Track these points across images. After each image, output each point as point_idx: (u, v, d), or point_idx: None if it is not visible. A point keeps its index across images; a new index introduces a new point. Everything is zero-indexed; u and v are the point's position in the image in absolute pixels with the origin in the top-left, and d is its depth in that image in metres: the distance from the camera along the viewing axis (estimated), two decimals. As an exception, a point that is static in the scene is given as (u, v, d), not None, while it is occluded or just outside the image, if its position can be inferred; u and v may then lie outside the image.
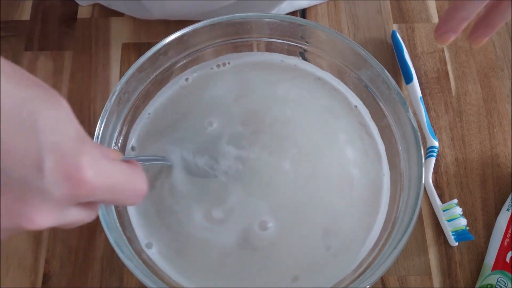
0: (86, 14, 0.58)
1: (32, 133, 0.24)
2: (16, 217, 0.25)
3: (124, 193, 0.29)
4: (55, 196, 0.25)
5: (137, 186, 0.30)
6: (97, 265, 0.47)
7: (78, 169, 0.25)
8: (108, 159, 0.27)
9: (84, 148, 0.26)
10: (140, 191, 0.30)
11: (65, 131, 0.25)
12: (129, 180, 0.29)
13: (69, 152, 0.25)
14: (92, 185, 0.26)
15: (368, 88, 0.47)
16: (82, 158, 0.25)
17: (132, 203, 0.30)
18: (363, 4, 0.58)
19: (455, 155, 0.51)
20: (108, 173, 0.27)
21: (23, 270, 0.47)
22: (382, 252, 0.41)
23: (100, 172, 0.26)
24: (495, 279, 0.44)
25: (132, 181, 0.29)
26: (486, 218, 0.49)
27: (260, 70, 0.50)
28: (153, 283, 0.38)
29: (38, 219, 0.25)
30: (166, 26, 0.57)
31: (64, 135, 0.25)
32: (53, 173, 0.24)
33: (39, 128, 0.24)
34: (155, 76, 0.47)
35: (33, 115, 0.24)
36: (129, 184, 0.29)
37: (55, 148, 0.24)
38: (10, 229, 0.26)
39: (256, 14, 0.47)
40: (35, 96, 0.24)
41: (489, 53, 0.56)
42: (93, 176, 0.26)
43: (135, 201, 0.30)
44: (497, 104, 0.53)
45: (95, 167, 0.26)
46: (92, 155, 0.26)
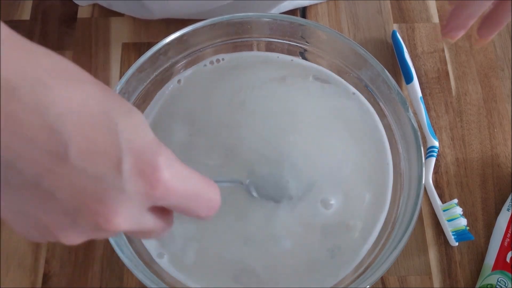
0: (86, 14, 0.58)
1: (113, 135, 0.25)
2: (95, 216, 0.25)
3: (199, 201, 0.29)
4: (132, 195, 0.25)
5: (211, 196, 0.30)
6: (97, 265, 0.47)
7: (155, 168, 0.26)
8: (184, 165, 0.28)
9: (161, 150, 0.26)
10: (214, 202, 0.30)
11: (142, 135, 0.26)
12: (204, 189, 0.29)
13: (146, 152, 0.26)
14: (168, 186, 0.26)
15: (368, 88, 0.47)
16: (159, 159, 0.26)
17: (205, 214, 0.30)
18: (363, 4, 0.58)
19: (455, 155, 0.51)
20: (184, 177, 0.27)
21: (23, 270, 0.47)
22: (382, 252, 0.41)
23: (176, 174, 0.27)
24: (495, 279, 0.44)
25: (207, 190, 0.29)
26: (486, 218, 0.49)
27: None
28: (153, 283, 0.38)
29: (116, 220, 0.25)
30: (166, 26, 0.57)
31: (141, 138, 0.26)
32: (131, 172, 0.25)
33: (119, 131, 0.25)
34: (155, 76, 0.47)
35: (114, 120, 0.25)
36: (204, 192, 0.29)
37: (133, 149, 0.25)
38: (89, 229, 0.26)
39: (256, 14, 0.47)
40: (117, 105, 0.25)
41: (489, 53, 0.56)
42: (169, 177, 0.26)
43: (208, 213, 0.30)
44: (497, 104, 0.53)
45: (171, 169, 0.26)
46: (168, 157, 0.27)
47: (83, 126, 0.24)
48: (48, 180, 0.24)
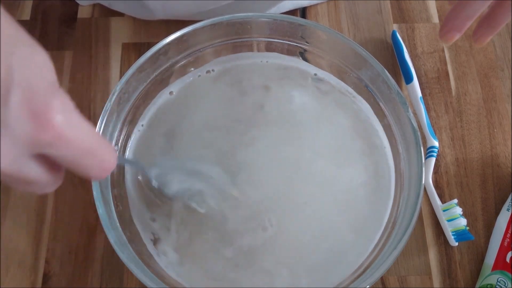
0: (86, 14, 0.58)
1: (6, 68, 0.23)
2: None
3: (91, 158, 0.27)
4: (16, 133, 0.23)
5: (106, 157, 0.28)
6: (97, 265, 0.47)
7: (47, 110, 0.24)
8: (81, 116, 0.26)
9: (58, 94, 0.25)
10: (107, 163, 0.28)
11: (40, 74, 0.24)
12: (100, 147, 0.27)
13: (40, 92, 0.24)
14: (59, 132, 0.24)
15: (368, 88, 0.47)
16: (54, 101, 0.24)
17: (96, 174, 0.28)
18: (363, 4, 0.58)
19: (455, 155, 0.51)
20: (79, 127, 0.26)
21: (23, 270, 0.47)
22: (382, 252, 0.41)
23: (71, 122, 0.25)
24: (495, 279, 0.44)
25: (103, 149, 0.28)
26: (486, 218, 0.49)
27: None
28: (153, 283, 0.38)
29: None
30: (166, 26, 0.57)
31: (38, 76, 0.24)
32: (19, 108, 0.23)
33: (14, 65, 0.23)
34: (155, 76, 0.47)
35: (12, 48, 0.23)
36: (99, 150, 0.27)
37: (27, 85, 0.23)
38: None
39: (256, 14, 0.47)
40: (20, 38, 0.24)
41: (489, 53, 0.56)
42: (62, 122, 0.24)
43: (99, 173, 0.28)
44: (497, 104, 0.53)
45: (66, 114, 0.25)
46: (65, 103, 0.25)
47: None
48: None
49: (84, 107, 0.53)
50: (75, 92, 0.54)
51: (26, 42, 0.24)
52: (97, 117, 0.51)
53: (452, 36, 0.43)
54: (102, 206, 0.40)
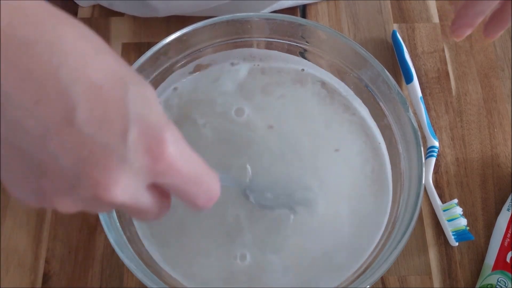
0: (86, 14, 0.58)
1: (122, 105, 0.24)
2: (95, 183, 0.25)
3: (199, 186, 0.28)
4: (134, 167, 0.25)
5: (212, 185, 0.29)
6: (97, 265, 0.47)
7: (160, 142, 0.25)
8: (189, 147, 0.28)
9: (168, 126, 0.26)
10: (213, 192, 0.29)
11: (151, 108, 0.26)
12: (206, 175, 0.29)
13: (154, 126, 0.25)
14: (170, 162, 0.26)
15: (368, 88, 0.47)
16: (166, 134, 0.26)
17: (203, 203, 0.29)
18: (364, 4, 0.58)
19: (455, 155, 0.51)
20: (188, 158, 0.27)
21: (23, 270, 0.47)
22: (382, 252, 0.41)
23: (180, 152, 0.27)
24: (495, 279, 0.44)
25: (209, 178, 0.29)
26: (486, 218, 0.49)
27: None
28: (153, 283, 0.38)
29: (114, 190, 0.25)
30: (166, 25, 0.57)
31: (150, 111, 0.26)
32: (136, 143, 0.25)
33: (129, 102, 0.25)
34: (155, 76, 0.47)
35: (126, 91, 0.25)
36: (205, 179, 0.29)
37: (141, 120, 0.25)
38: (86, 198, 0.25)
39: (256, 14, 0.47)
40: (130, 78, 0.25)
41: (489, 53, 0.56)
42: (173, 153, 0.26)
43: (206, 203, 0.29)
44: (497, 104, 0.53)
45: (176, 146, 0.26)
46: (175, 135, 0.26)
47: (94, 93, 0.24)
48: (53, 143, 0.24)
49: (84, 107, 0.53)
50: (75, 92, 0.54)
51: (135, 79, 0.26)
52: (97, 117, 0.51)
53: (464, 32, 0.43)
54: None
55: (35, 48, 0.23)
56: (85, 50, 0.24)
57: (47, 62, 0.23)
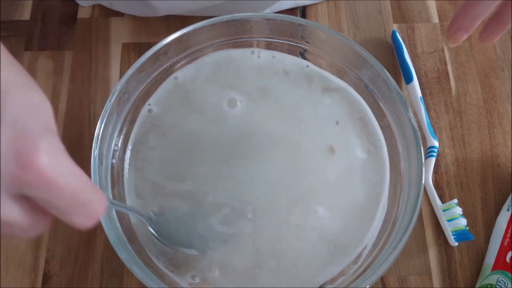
0: (86, 14, 0.58)
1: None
2: None
3: (75, 203, 0.25)
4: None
5: (92, 205, 0.26)
6: (97, 265, 0.47)
7: (33, 150, 0.23)
8: (70, 160, 0.25)
9: (47, 136, 0.24)
10: (93, 211, 0.27)
11: (33, 115, 0.24)
12: (86, 192, 0.26)
13: (29, 133, 0.24)
14: (41, 173, 0.24)
15: (368, 88, 0.47)
16: (41, 142, 0.24)
17: (80, 222, 0.26)
18: (363, 4, 0.58)
19: (455, 155, 0.51)
20: (64, 170, 0.25)
21: (23, 270, 0.47)
22: (382, 252, 0.41)
23: (55, 163, 0.24)
24: (495, 279, 0.44)
25: (90, 195, 0.26)
26: (486, 218, 0.49)
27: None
28: (153, 283, 0.38)
29: None
30: (166, 25, 0.57)
31: (30, 117, 0.24)
32: (5, 146, 0.23)
33: (7, 102, 0.23)
34: (155, 76, 0.47)
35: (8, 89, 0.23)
36: (85, 196, 0.26)
37: (17, 124, 0.23)
38: None
39: (256, 14, 0.47)
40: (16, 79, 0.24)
41: (489, 53, 0.56)
42: (46, 163, 0.24)
43: (84, 221, 0.26)
44: (497, 104, 0.53)
45: (51, 156, 0.24)
46: (53, 145, 0.24)
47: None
48: None
49: (84, 107, 0.53)
50: (75, 92, 0.54)
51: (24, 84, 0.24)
52: (97, 117, 0.51)
53: (460, 36, 0.43)
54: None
55: None
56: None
57: None
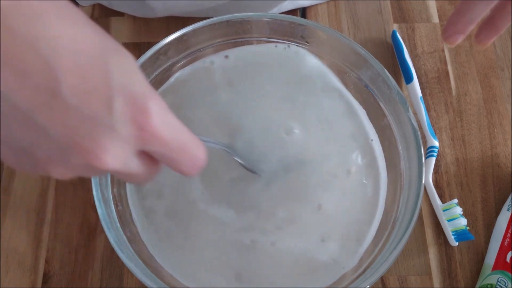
0: (86, 14, 0.58)
1: (105, 75, 0.25)
2: (86, 153, 0.25)
3: (184, 154, 0.29)
4: (122, 135, 0.26)
5: (197, 153, 0.30)
6: (97, 265, 0.47)
7: (145, 112, 0.26)
8: (174, 116, 0.28)
9: (152, 96, 0.27)
10: (199, 160, 0.30)
11: (135, 78, 0.27)
12: (191, 144, 0.29)
13: (138, 95, 0.26)
14: (155, 131, 0.27)
15: (368, 88, 0.47)
16: (150, 103, 0.26)
17: (188, 170, 0.30)
18: (363, 4, 0.58)
19: (455, 155, 0.51)
20: (172, 127, 0.28)
21: (23, 270, 0.47)
22: (382, 252, 0.41)
23: (165, 121, 0.27)
24: (495, 279, 0.44)
25: (194, 146, 0.30)
26: (486, 218, 0.49)
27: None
28: (153, 283, 0.38)
29: (106, 157, 0.26)
30: (166, 25, 0.57)
31: (134, 80, 0.26)
32: (122, 113, 0.25)
33: (111, 71, 0.25)
34: (155, 76, 0.47)
35: (108, 61, 0.25)
36: (190, 147, 0.29)
37: (125, 90, 0.26)
38: (79, 166, 0.26)
39: (256, 14, 0.47)
40: (109, 45, 0.26)
41: (489, 53, 0.56)
42: (157, 122, 0.27)
43: (191, 170, 0.30)
44: (497, 104, 0.53)
45: (160, 115, 0.27)
46: (159, 104, 0.27)
47: (76, 64, 0.24)
48: (42, 116, 0.24)
49: (84, 107, 0.53)
50: (75, 92, 0.54)
51: (116, 50, 0.27)
52: (97, 117, 0.51)
53: (456, 39, 0.44)
54: (102, 206, 0.40)
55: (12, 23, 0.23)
56: (64, 23, 0.24)
57: (25, 35, 0.23)
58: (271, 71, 0.49)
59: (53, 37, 0.23)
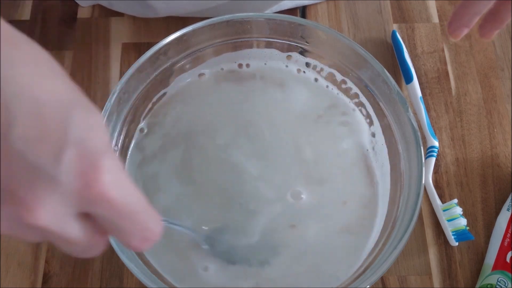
0: (86, 14, 0.58)
1: (63, 128, 0.24)
2: (18, 202, 0.24)
3: (134, 223, 0.26)
4: (64, 189, 0.24)
5: (150, 225, 0.27)
6: (97, 265, 0.47)
7: (96, 168, 0.24)
8: (130, 179, 0.26)
9: (109, 156, 0.25)
10: (151, 234, 0.27)
11: (96, 135, 0.25)
12: (144, 213, 0.27)
13: (93, 152, 0.24)
14: (104, 190, 0.24)
15: (368, 88, 0.47)
16: (104, 161, 0.25)
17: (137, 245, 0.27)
18: (363, 4, 0.58)
19: (455, 155, 0.51)
20: (125, 189, 0.26)
21: (23, 270, 0.47)
22: (382, 252, 0.41)
23: (117, 182, 0.25)
24: (495, 279, 0.44)
25: (147, 217, 0.27)
26: (486, 218, 0.49)
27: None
28: (153, 283, 0.38)
29: (38, 210, 0.24)
30: (166, 25, 0.57)
31: (93, 136, 0.25)
32: (70, 165, 0.24)
33: (71, 125, 0.24)
34: (155, 76, 0.47)
35: (69, 111, 0.24)
36: (143, 217, 0.27)
37: (81, 144, 0.24)
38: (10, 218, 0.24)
39: (256, 14, 0.47)
40: (76, 99, 0.25)
41: (489, 53, 0.56)
42: (108, 181, 0.25)
43: (141, 244, 0.27)
44: (497, 104, 0.53)
45: (113, 175, 0.25)
46: (115, 165, 0.25)
47: (35, 112, 0.23)
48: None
49: (84, 107, 0.53)
50: (75, 92, 0.54)
51: (83, 104, 0.25)
52: (97, 117, 0.51)
53: (461, 32, 0.44)
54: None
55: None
56: (35, 72, 0.24)
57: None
58: None
59: (19, 82, 0.23)
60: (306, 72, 0.50)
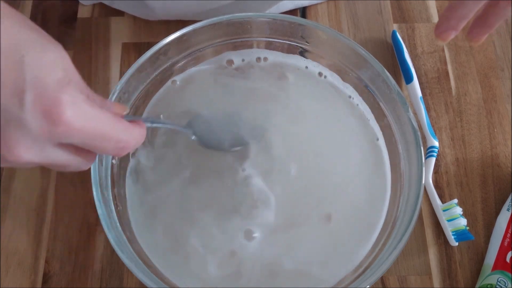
0: (86, 14, 0.58)
1: (18, 68, 0.25)
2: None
3: (105, 141, 0.29)
4: (33, 130, 0.26)
5: (120, 137, 0.30)
6: (97, 265, 0.47)
7: (56, 106, 0.26)
8: (92, 105, 0.28)
9: (67, 89, 0.26)
10: (123, 143, 0.30)
11: (51, 71, 0.26)
12: (111, 130, 0.29)
13: (51, 89, 0.26)
14: (69, 125, 0.26)
15: (368, 88, 0.47)
16: (62, 97, 0.26)
17: (115, 154, 0.31)
18: (363, 4, 0.58)
19: (455, 155, 0.51)
20: (88, 117, 0.27)
21: (23, 270, 0.47)
22: (382, 252, 0.41)
23: (79, 113, 0.27)
24: (495, 279, 0.44)
25: (115, 131, 0.29)
26: (486, 218, 0.49)
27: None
28: (153, 283, 0.38)
29: (17, 150, 0.26)
30: (166, 26, 0.57)
31: (48, 74, 0.26)
32: (33, 106, 0.25)
33: (25, 65, 0.25)
34: (155, 76, 0.47)
35: (22, 51, 0.25)
36: (111, 133, 0.29)
37: (38, 83, 0.25)
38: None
39: (256, 14, 0.47)
40: (28, 37, 0.26)
41: (489, 53, 0.56)
42: (71, 115, 0.26)
43: (117, 153, 0.31)
44: (497, 104, 0.53)
45: (74, 108, 0.26)
46: (74, 96, 0.27)
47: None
48: None
49: (84, 107, 0.53)
50: (75, 92, 0.54)
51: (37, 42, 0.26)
52: (97, 117, 0.51)
53: (448, 35, 0.43)
54: (102, 206, 0.40)
55: None
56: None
57: None
58: None
59: None
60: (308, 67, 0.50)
